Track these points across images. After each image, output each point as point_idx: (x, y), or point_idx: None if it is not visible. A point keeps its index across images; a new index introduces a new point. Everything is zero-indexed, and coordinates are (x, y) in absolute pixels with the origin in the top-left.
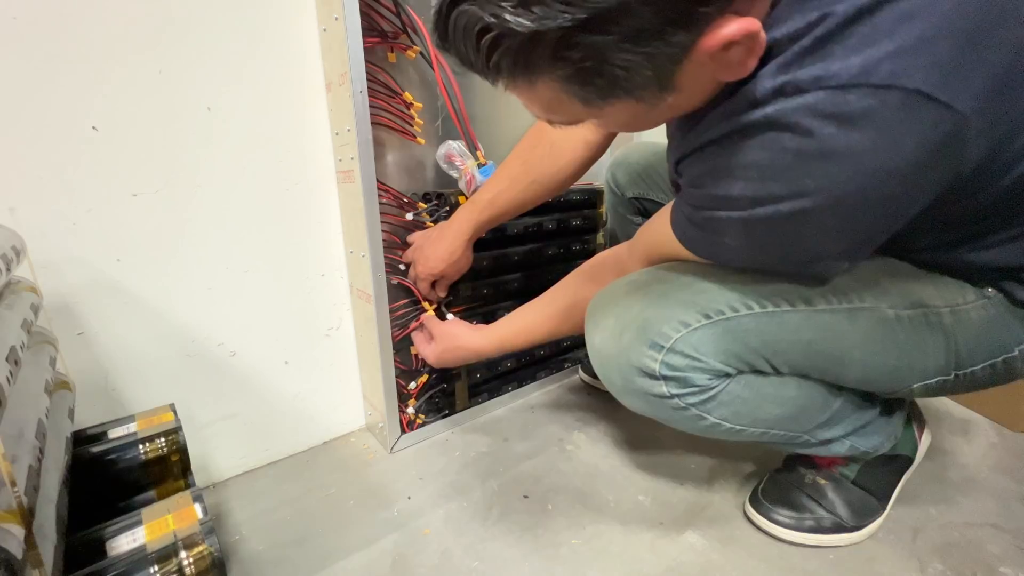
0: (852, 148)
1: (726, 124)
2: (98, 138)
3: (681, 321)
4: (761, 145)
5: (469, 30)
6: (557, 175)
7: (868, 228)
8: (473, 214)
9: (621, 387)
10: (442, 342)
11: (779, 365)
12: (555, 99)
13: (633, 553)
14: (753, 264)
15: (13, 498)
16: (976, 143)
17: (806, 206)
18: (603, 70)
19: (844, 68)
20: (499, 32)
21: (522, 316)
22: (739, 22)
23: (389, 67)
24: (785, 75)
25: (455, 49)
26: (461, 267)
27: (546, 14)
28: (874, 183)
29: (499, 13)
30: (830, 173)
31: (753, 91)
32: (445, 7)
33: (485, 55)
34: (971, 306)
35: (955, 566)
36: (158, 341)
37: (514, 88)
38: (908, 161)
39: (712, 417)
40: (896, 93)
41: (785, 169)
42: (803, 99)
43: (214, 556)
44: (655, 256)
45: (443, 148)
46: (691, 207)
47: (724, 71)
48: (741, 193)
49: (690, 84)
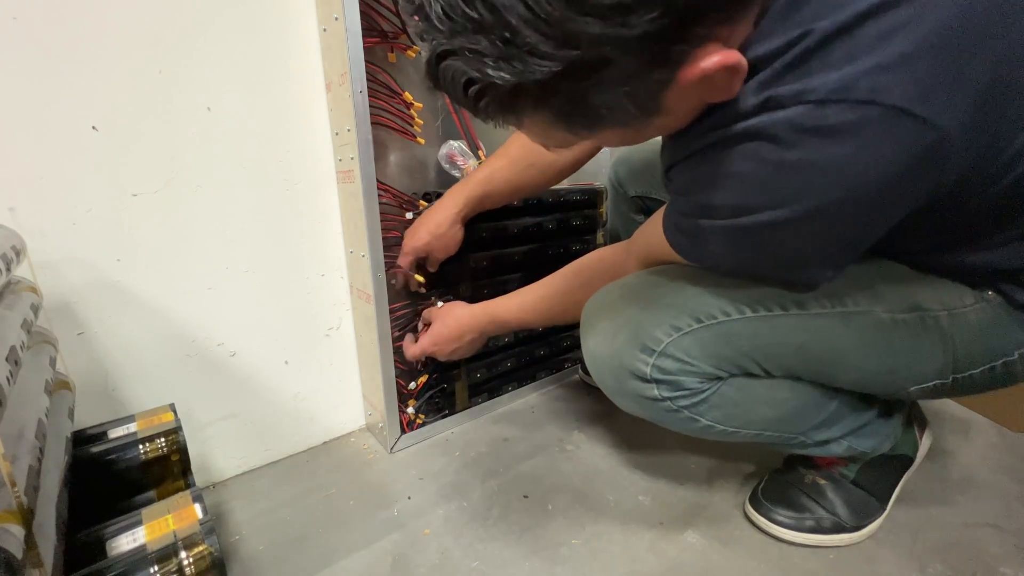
0: (831, 160)
1: (711, 136)
2: (98, 138)
3: (672, 325)
4: (743, 156)
5: (456, 81)
6: (555, 162)
7: (849, 238)
8: (466, 188)
9: (614, 389)
10: (437, 318)
11: (771, 368)
12: (544, 132)
13: (633, 553)
14: (739, 271)
15: (13, 498)
16: (958, 156)
17: (786, 216)
18: (586, 111)
19: (824, 84)
20: (483, 85)
21: (519, 295)
22: (718, 55)
23: (389, 67)
24: (767, 90)
25: (447, 93)
26: (447, 244)
27: (525, 68)
28: (853, 194)
29: (482, 68)
30: (809, 184)
31: (736, 105)
32: (433, 59)
33: (473, 102)
34: (969, 309)
35: (955, 566)
36: (158, 341)
37: (504, 124)
38: (887, 174)
39: (704, 419)
40: (875, 109)
41: (766, 179)
42: (784, 113)
43: (214, 556)
44: (652, 258)
45: (445, 148)
46: (679, 214)
47: (710, 95)
48: (723, 202)
49: (677, 107)
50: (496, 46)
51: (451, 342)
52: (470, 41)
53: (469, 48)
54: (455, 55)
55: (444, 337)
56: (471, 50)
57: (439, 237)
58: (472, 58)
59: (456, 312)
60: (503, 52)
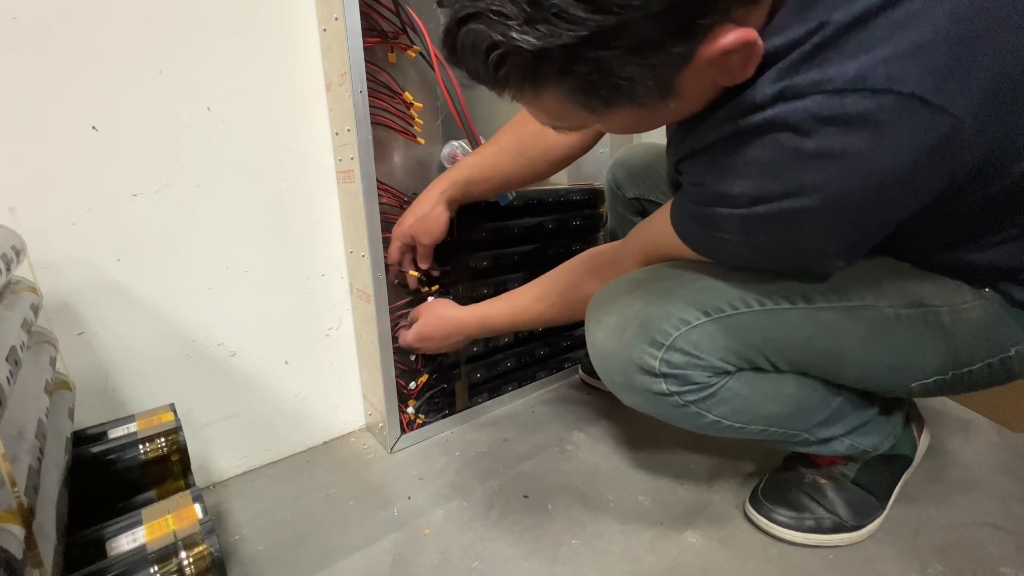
0: (849, 149)
1: (727, 127)
2: (98, 138)
3: (681, 319)
4: (761, 145)
5: (478, 47)
6: (546, 154)
7: (864, 228)
8: (452, 172)
9: (621, 384)
10: (424, 315)
11: (778, 362)
12: (560, 108)
13: (633, 553)
14: (751, 261)
15: (13, 498)
16: (972, 146)
17: (804, 205)
18: (607, 82)
19: (840, 73)
20: (506, 49)
21: (508, 298)
22: (737, 32)
23: (389, 67)
24: (785, 80)
25: (464, 64)
26: (431, 227)
27: (551, 32)
28: (871, 184)
29: (506, 32)
30: (827, 173)
31: (754, 96)
32: (454, 24)
33: (493, 69)
34: (969, 306)
35: (955, 566)
36: (158, 341)
37: (520, 98)
38: (904, 162)
39: (712, 414)
40: (891, 97)
41: (784, 168)
42: (802, 103)
43: (214, 556)
44: (652, 255)
45: (447, 148)
46: (693, 203)
47: (724, 76)
48: (741, 191)
49: (691, 89)
50: (522, 9)
51: (435, 342)
52: (495, 3)
53: (493, 10)
54: (478, 18)
55: (427, 336)
56: (495, 12)
57: (422, 219)
58: (496, 21)
59: (442, 312)
60: (529, 15)
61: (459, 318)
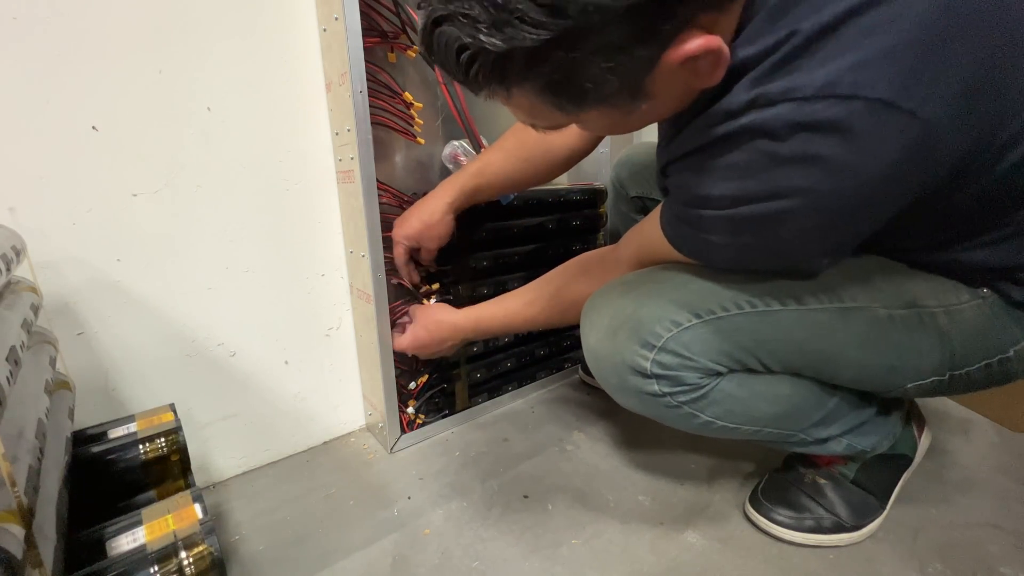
0: (822, 154)
1: (706, 133)
2: (98, 138)
3: (672, 320)
4: (740, 149)
5: (450, 47)
6: (548, 156)
7: (847, 228)
8: (459, 179)
9: (615, 385)
10: (419, 319)
11: (771, 364)
12: (532, 107)
13: (633, 553)
14: (738, 263)
15: (13, 498)
16: (950, 146)
17: (785, 207)
18: (573, 82)
19: (810, 81)
20: (475, 51)
21: (502, 301)
22: (701, 39)
23: (389, 67)
24: (757, 88)
25: (439, 63)
26: (438, 235)
27: (515, 35)
28: (847, 186)
29: (474, 34)
30: (804, 176)
31: (730, 103)
32: (429, 25)
33: (464, 69)
34: (966, 306)
35: (955, 566)
36: (158, 341)
37: (494, 97)
38: (879, 165)
39: (705, 415)
40: (859, 103)
41: (762, 170)
42: (774, 110)
43: (214, 556)
44: (644, 258)
45: (448, 148)
46: (679, 206)
47: (695, 80)
48: (722, 193)
49: (663, 92)
50: (488, 12)
51: (430, 346)
52: (464, 6)
53: (463, 13)
54: (449, 20)
55: (423, 341)
56: (464, 15)
57: (430, 227)
58: (465, 24)
59: (437, 316)
60: (495, 18)
61: (454, 322)
